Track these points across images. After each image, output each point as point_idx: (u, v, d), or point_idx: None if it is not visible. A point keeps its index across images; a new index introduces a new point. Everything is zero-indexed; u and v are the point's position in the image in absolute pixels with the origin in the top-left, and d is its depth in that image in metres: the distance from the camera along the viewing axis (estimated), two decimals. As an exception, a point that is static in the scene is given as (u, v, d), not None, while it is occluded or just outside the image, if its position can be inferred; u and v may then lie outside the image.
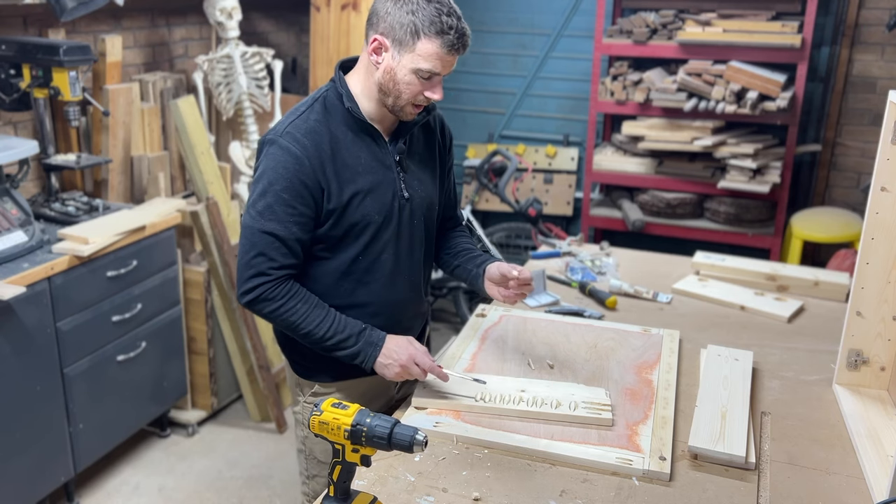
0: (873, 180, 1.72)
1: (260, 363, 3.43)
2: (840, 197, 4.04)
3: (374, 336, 1.70)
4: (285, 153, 1.61)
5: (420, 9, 1.56)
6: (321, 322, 1.66)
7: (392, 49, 1.60)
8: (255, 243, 1.62)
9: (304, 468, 1.93)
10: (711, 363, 1.92)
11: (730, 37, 3.58)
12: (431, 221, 1.86)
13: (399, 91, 1.63)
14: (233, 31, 3.51)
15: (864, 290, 1.80)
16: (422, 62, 1.58)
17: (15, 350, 2.50)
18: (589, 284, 2.41)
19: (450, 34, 1.57)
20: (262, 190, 1.62)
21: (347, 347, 1.68)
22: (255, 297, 1.64)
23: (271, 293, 1.63)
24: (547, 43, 4.38)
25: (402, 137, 1.74)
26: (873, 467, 1.53)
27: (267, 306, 1.65)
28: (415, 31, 1.56)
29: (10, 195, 2.73)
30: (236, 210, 3.54)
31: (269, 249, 1.62)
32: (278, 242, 1.62)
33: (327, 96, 1.70)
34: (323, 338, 1.67)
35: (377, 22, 1.61)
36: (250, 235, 1.63)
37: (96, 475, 3.09)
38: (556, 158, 4.46)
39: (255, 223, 1.62)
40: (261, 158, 1.65)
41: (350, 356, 1.69)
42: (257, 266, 1.62)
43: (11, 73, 2.84)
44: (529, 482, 1.49)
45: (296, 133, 1.62)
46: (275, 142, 1.63)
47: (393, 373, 1.68)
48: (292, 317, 1.65)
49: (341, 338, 1.67)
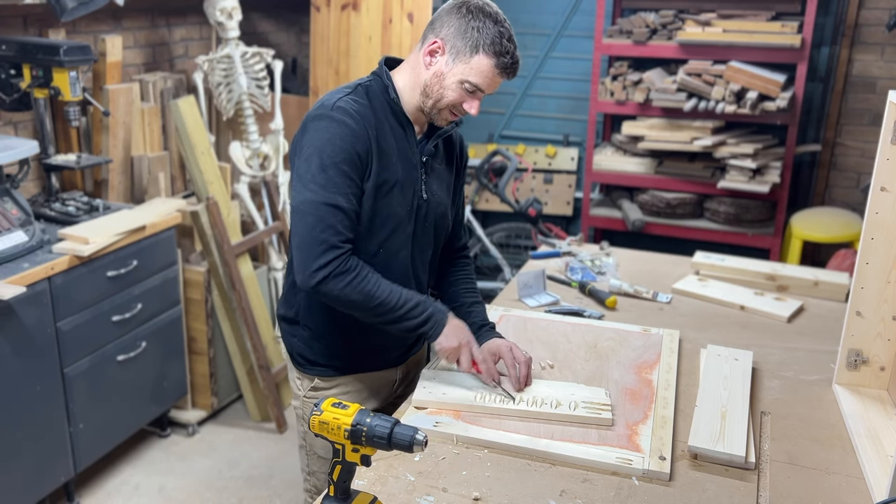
0: (873, 180, 1.72)
1: (260, 363, 3.43)
2: (840, 197, 4.04)
3: (440, 304, 1.73)
4: (340, 125, 1.61)
5: (486, 27, 1.63)
6: (391, 291, 1.65)
7: (448, 55, 1.65)
8: (321, 217, 1.59)
9: (304, 464, 1.93)
10: (711, 363, 1.92)
11: (730, 37, 3.58)
12: (442, 229, 1.88)
13: (442, 95, 1.67)
14: (233, 31, 3.51)
15: (863, 290, 1.80)
16: (473, 75, 1.65)
17: (15, 350, 2.50)
18: (589, 284, 2.41)
19: (506, 57, 1.64)
20: (320, 164, 1.60)
21: (418, 315, 1.67)
22: (329, 273, 1.59)
23: (345, 265, 1.61)
24: (547, 43, 4.38)
25: (432, 140, 1.77)
26: (873, 467, 1.53)
27: (342, 280, 1.60)
28: (475, 45, 1.63)
29: (10, 195, 2.73)
30: (236, 210, 3.54)
31: (336, 222, 1.60)
32: (342, 214, 1.61)
33: (370, 86, 1.72)
34: (395, 306, 1.65)
35: (440, 27, 1.67)
36: (315, 210, 1.59)
37: (96, 475, 3.09)
38: (556, 158, 4.46)
39: (317, 197, 1.59)
40: (309, 134, 1.63)
41: (419, 323, 1.68)
42: (328, 240, 1.59)
43: (11, 73, 2.84)
44: (529, 482, 1.50)
45: (347, 108, 1.64)
46: (326, 116, 1.62)
47: (453, 345, 1.70)
48: (367, 286, 1.62)
49: (412, 305, 1.67)
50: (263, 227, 3.68)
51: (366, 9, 3.67)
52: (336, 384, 1.85)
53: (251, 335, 3.41)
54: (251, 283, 3.49)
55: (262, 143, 3.71)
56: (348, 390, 1.86)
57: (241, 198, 3.66)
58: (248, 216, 3.70)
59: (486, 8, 1.66)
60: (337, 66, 3.77)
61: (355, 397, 1.86)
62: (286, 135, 3.85)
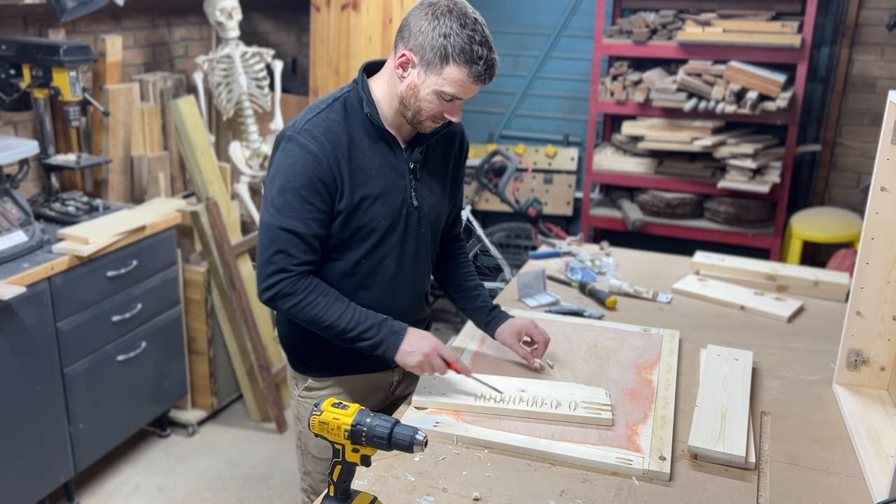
0: (873, 180, 1.72)
1: (260, 363, 3.43)
2: (840, 197, 4.04)
3: (397, 325, 1.71)
4: (303, 150, 1.61)
5: (454, 33, 1.55)
6: (342, 314, 1.66)
7: (419, 67, 1.60)
8: (274, 240, 1.62)
9: (300, 464, 1.94)
10: (711, 363, 1.92)
11: (730, 37, 3.58)
12: (437, 230, 1.87)
13: (419, 108, 1.64)
14: (233, 31, 3.51)
15: (863, 290, 1.80)
16: (446, 86, 1.59)
17: (15, 350, 2.50)
18: (589, 284, 2.41)
19: (478, 64, 1.57)
20: (281, 187, 1.61)
21: (370, 338, 1.68)
22: (275, 294, 1.64)
23: (291, 288, 1.63)
24: (547, 43, 4.38)
25: (419, 146, 1.74)
26: (873, 467, 1.53)
27: (287, 301, 1.64)
28: (444, 56, 1.56)
29: (10, 195, 2.73)
30: (236, 210, 3.54)
31: (289, 246, 1.62)
32: (297, 239, 1.62)
33: (348, 97, 1.70)
34: (345, 329, 1.66)
35: (408, 37, 1.60)
36: (269, 232, 1.62)
37: (96, 475, 3.09)
38: (556, 158, 4.46)
39: (273, 220, 1.62)
40: (277, 154, 1.65)
41: (372, 346, 1.68)
42: (277, 263, 1.62)
43: (11, 73, 2.84)
44: (529, 482, 1.50)
45: (314, 131, 1.63)
46: (293, 138, 1.63)
47: (415, 361, 1.68)
48: (313, 310, 1.65)
49: (363, 328, 1.67)
50: (263, 227, 3.67)
51: (366, 9, 3.66)
52: (328, 385, 1.85)
53: (251, 335, 3.41)
54: (251, 283, 3.49)
55: (262, 143, 3.71)
56: (340, 391, 1.85)
57: (241, 198, 3.66)
58: (248, 216, 3.70)
59: (454, 10, 1.56)
60: (337, 66, 3.77)
61: (348, 399, 1.85)
62: (286, 135, 3.85)
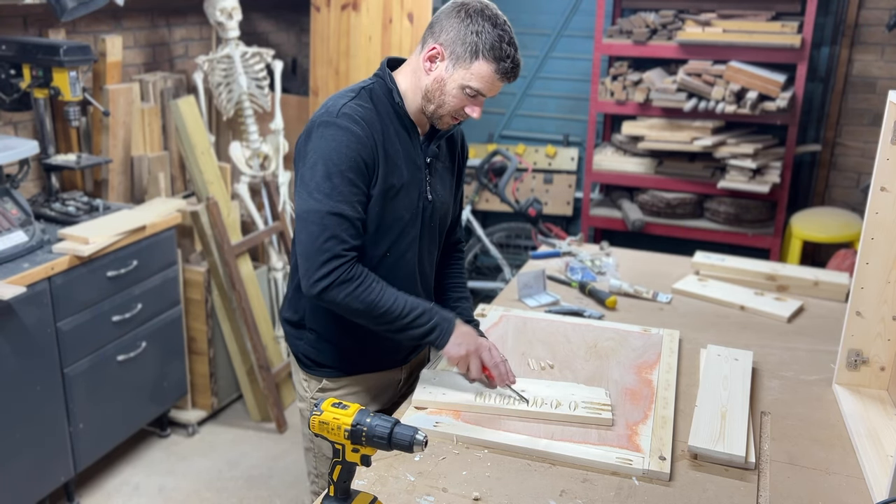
0: (873, 180, 1.72)
1: (260, 363, 3.43)
2: (840, 197, 4.04)
3: (446, 313, 1.72)
4: (345, 133, 1.61)
5: (485, 31, 1.60)
6: (396, 300, 1.65)
7: (448, 61, 1.64)
8: (326, 226, 1.59)
9: (312, 467, 1.92)
10: (711, 363, 1.92)
11: (730, 37, 3.58)
12: (445, 227, 1.89)
13: (443, 101, 1.66)
14: (233, 31, 3.51)
15: (863, 290, 1.80)
16: (473, 81, 1.63)
17: (15, 350, 2.50)
18: (589, 284, 2.41)
19: (506, 62, 1.62)
20: (326, 171, 1.60)
21: (423, 324, 1.67)
22: (332, 282, 1.60)
23: (348, 274, 1.61)
24: (547, 43, 4.38)
25: (435, 142, 1.77)
26: (873, 467, 1.53)
27: (344, 289, 1.61)
28: (475, 51, 1.61)
29: (10, 195, 2.73)
30: (236, 210, 3.54)
31: (341, 231, 1.60)
32: (347, 223, 1.61)
33: (373, 89, 1.71)
34: (400, 315, 1.65)
35: (439, 32, 1.64)
36: (319, 219, 1.59)
37: (96, 475, 3.09)
38: (556, 158, 4.46)
39: (322, 206, 1.59)
40: (314, 141, 1.63)
41: (425, 332, 1.68)
42: (331, 249, 1.60)
43: (11, 73, 2.84)
44: (529, 482, 1.50)
45: (353, 115, 1.63)
46: (332, 123, 1.62)
47: (462, 352, 1.70)
48: (370, 295, 1.62)
49: (417, 313, 1.67)
50: (263, 227, 3.68)
51: (366, 9, 3.66)
52: (343, 385, 1.85)
53: (251, 335, 3.41)
54: (251, 283, 3.49)
55: (262, 143, 3.71)
56: (356, 390, 1.85)
57: (241, 198, 3.66)
58: (248, 216, 3.70)
59: (486, 10, 1.63)
60: (337, 66, 3.77)
61: (363, 397, 1.86)
62: (286, 135, 3.85)
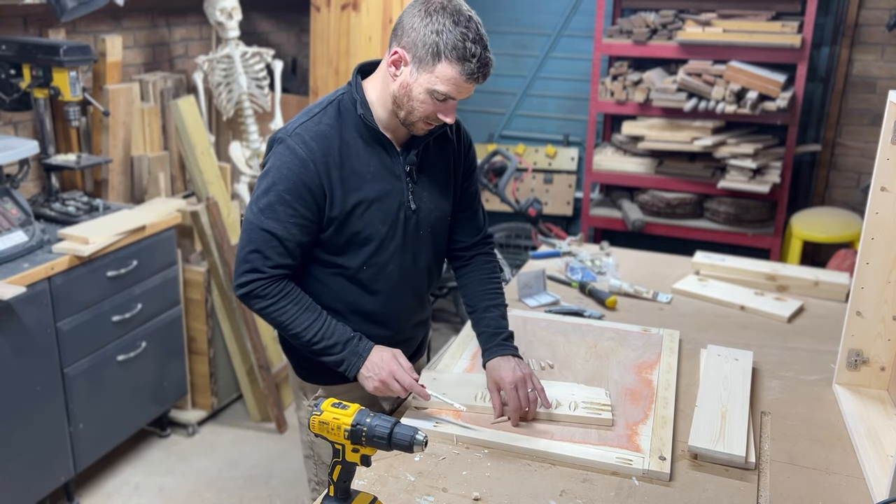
0: (873, 180, 1.72)
1: (260, 363, 3.43)
2: (840, 197, 4.04)
3: (361, 347, 1.69)
4: (291, 154, 1.60)
5: (446, 30, 1.51)
6: (310, 325, 1.66)
7: (411, 65, 1.56)
8: (252, 239, 1.63)
9: (313, 474, 1.91)
10: (711, 363, 1.92)
11: (730, 37, 3.58)
12: (440, 233, 1.83)
13: (412, 107, 1.59)
14: (233, 31, 3.51)
15: (864, 290, 1.80)
16: (438, 84, 1.55)
17: (15, 350, 2.50)
18: (589, 284, 2.41)
19: (471, 62, 1.53)
20: (266, 188, 1.62)
21: (333, 354, 1.68)
22: (247, 293, 1.65)
23: (263, 290, 1.64)
24: (547, 43, 4.38)
25: (414, 148, 1.70)
26: (873, 467, 1.53)
27: (258, 303, 1.65)
28: (436, 53, 1.52)
29: (10, 195, 2.73)
30: (236, 210, 3.54)
31: (266, 247, 1.62)
32: (276, 241, 1.62)
33: (342, 100, 1.67)
34: (310, 341, 1.67)
35: (401, 35, 1.56)
36: (250, 231, 1.63)
37: (96, 475, 3.09)
38: (556, 158, 4.46)
39: (255, 220, 1.62)
40: (269, 155, 1.65)
41: (335, 363, 1.69)
42: (252, 262, 1.63)
43: (11, 73, 2.84)
44: (529, 482, 1.50)
45: (305, 135, 1.61)
46: (283, 140, 1.62)
47: (372, 386, 1.67)
48: (281, 316, 1.66)
49: (328, 343, 1.67)
50: (263, 227, 3.68)
51: (366, 9, 3.66)
52: (340, 392, 1.80)
53: (251, 335, 3.41)
54: (251, 283, 3.49)
55: (262, 143, 3.71)
56: (355, 396, 1.81)
57: (241, 198, 3.65)
58: (248, 216, 3.70)
59: (448, 7, 1.52)
60: (337, 66, 3.77)
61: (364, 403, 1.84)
62: (286, 135, 3.85)
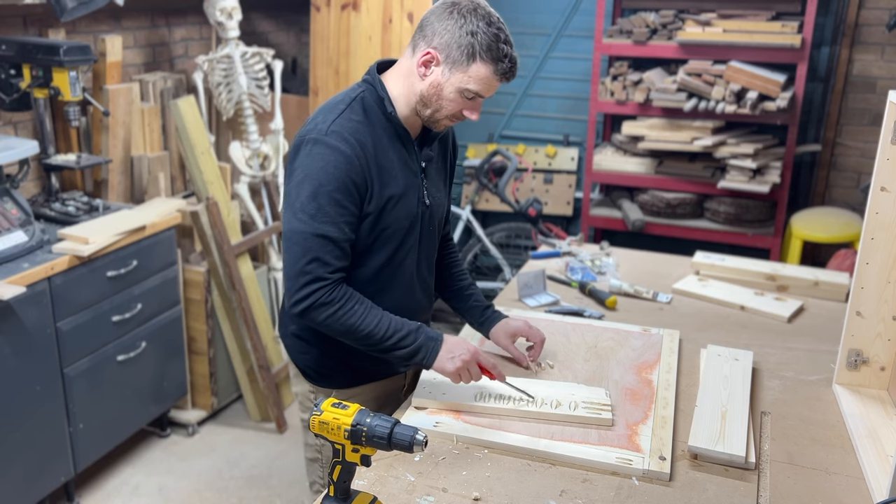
0: (873, 180, 1.72)
1: (260, 363, 3.43)
2: (840, 197, 4.04)
3: (433, 332, 1.69)
4: (334, 152, 1.57)
5: (480, 31, 1.56)
6: (379, 322, 1.63)
7: (444, 65, 1.59)
8: (308, 248, 1.57)
9: (318, 476, 1.91)
10: (711, 363, 1.92)
11: (730, 37, 3.58)
12: (441, 229, 1.89)
13: (441, 105, 1.63)
14: (233, 31, 3.51)
15: (864, 290, 1.80)
16: (472, 83, 1.59)
17: (15, 350, 2.50)
18: (589, 284, 2.41)
19: (504, 62, 1.59)
20: (312, 192, 1.56)
21: (407, 345, 1.65)
22: (311, 304, 1.58)
23: (328, 297, 1.59)
24: (547, 43, 4.38)
25: (427, 145, 1.74)
26: (873, 467, 1.53)
27: (324, 311, 1.59)
28: (472, 53, 1.57)
29: (10, 195, 2.73)
30: (236, 210, 3.54)
31: (324, 253, 1.58)
32: (332, 245, 1.58)
33: (364, 97, 1.67)
34: (383, 338, 1.63)
35: (432, 35, 1.59)
36: (303, 241, 1.57)
37: (96, 475, 3.09)
38: (556, 158, 4.46)
39: (306, 227, 1.57)
40: (301, 158, 1.59)
41: (410, 353, 1.66)
42: (312, 272, 1.58)
43: (11, 73, 2.84)
44: (529, 482, 1.50)
45: (342, 132, 1.59)
46: (320, 141, 1.58)
47: (454, 367, 1.65)
48: (350, 319, 1.60)
49: (401, 335, 1.64)
50: (263, 227, 3.68)
51: (366, 9, 3.66)
52: (352, 395, 1.82)
53: (251, 335, 3.41)
54: (251, 283, 3.49)
55: (262, 143, 3.71)
56: (365, 399, 1.83)
57: (241, 198, 3.66)
58: (248, 216, 3.70)
59: (479, 9, 1.58)
60: (337, 66, 3.77)
61: (373, 406, 1.83)
62: (286, 135, 3.86)
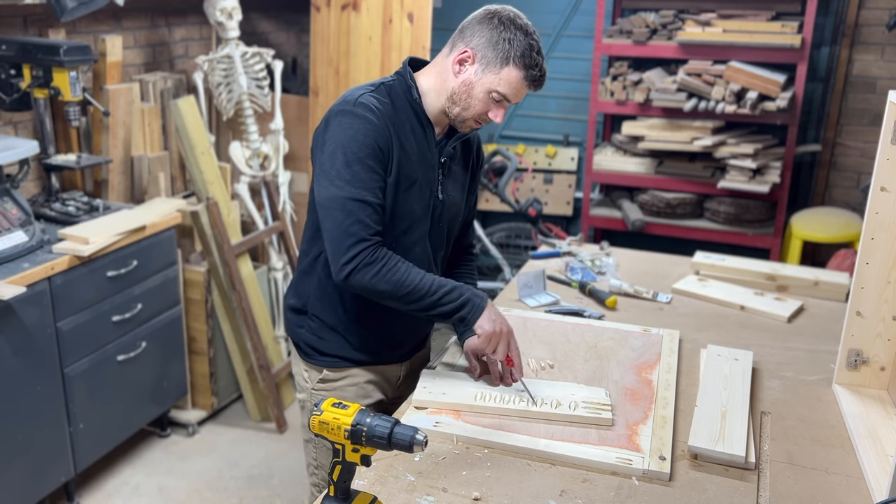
0: (873, 180, 1.72)
1: (260, 363, 3.43)
2: (840, 197, 4.04)
3: (478, 291, 1.73)
4: (362, 121, 1.64)
5: (517, 39, 1.67)
6: (423, 278, 1.66)
7: (478, 65, 1.68)
8: (350, 211, 1.62)
9: (312, 458, 1.93)
10: (711, 363, 1.92)
11: (730, 37, 3.58)
12: (454, 230, 1.91)
13: (469, 104, 1.70)
14: (233, 31, 3.51)
15: (863, 290, 1.80)
16: (501, 86, 1.68)
17: (15, 350, 2.50)
18: (589, 284, 2.41)
19: (534, 70, 1.68)
20: (346, 160, 1.63)
21: (454, 300, 1.67)
22: (357, 265, 1.63)
23: (372, 257, 1.63)
24: (547, 43, 4.38)
25: (451, 142, 1.79)
26: (873, 467, 1.53)
27: (370, 271, 1.63)
28: (506, 57, 1.66)
29: (10, 195, 2.73)
30: (236, 210, 3.54)
31: (364, 215, 1.63)
32: (370, 208, 1.64)
33: (392, 86, 1.75)
34: (428, 292, 1.66)
35: (471, 36, 1.69)
36: (342, 206, 1.63)
37: (96, 475, 3.09)
38: (556, 158, 4.46)
39: (345, 192, 1.62)
40: (331, 130, 1.66)
41: (455, 308, 1.68)
42: (357, 233, 1.63)
43: (12, 73, 2.84)
44: (529, 482, 1.50)
45: (369, 104, 1.67)
46: (349, 112, 1.65)
47: (490, 330, 1.68)
48: (395, 275, 1.64)
49: (446, 290, 1.67)
50: (263, 227, 3.68)
51: (366, 9, 3.66)
52: (345, 375, 1.85)
53: (251, 335, 3.41)
54: (251, 283, 3.49)
55: (262, 143, 3.71)
56: (357, 381, 1.86)
57: (241, 198, 3.66)
58: (248, 216, 3.70)
59: (518, 20, 1.69)
60: (337, 66, 3.77)
61: (363, 389, 1.87)
62: (286, 135, 3.86)
